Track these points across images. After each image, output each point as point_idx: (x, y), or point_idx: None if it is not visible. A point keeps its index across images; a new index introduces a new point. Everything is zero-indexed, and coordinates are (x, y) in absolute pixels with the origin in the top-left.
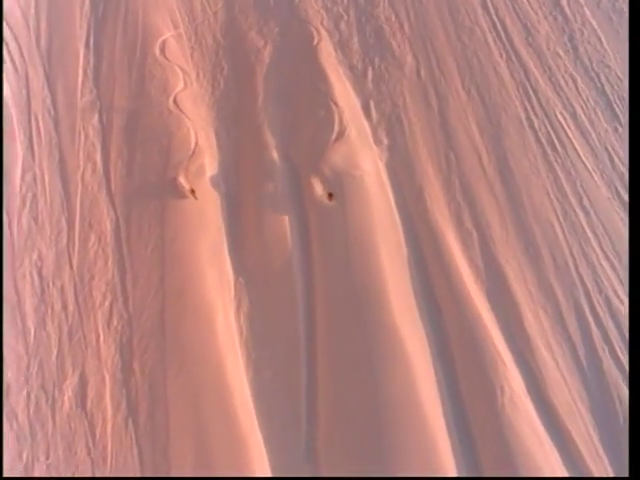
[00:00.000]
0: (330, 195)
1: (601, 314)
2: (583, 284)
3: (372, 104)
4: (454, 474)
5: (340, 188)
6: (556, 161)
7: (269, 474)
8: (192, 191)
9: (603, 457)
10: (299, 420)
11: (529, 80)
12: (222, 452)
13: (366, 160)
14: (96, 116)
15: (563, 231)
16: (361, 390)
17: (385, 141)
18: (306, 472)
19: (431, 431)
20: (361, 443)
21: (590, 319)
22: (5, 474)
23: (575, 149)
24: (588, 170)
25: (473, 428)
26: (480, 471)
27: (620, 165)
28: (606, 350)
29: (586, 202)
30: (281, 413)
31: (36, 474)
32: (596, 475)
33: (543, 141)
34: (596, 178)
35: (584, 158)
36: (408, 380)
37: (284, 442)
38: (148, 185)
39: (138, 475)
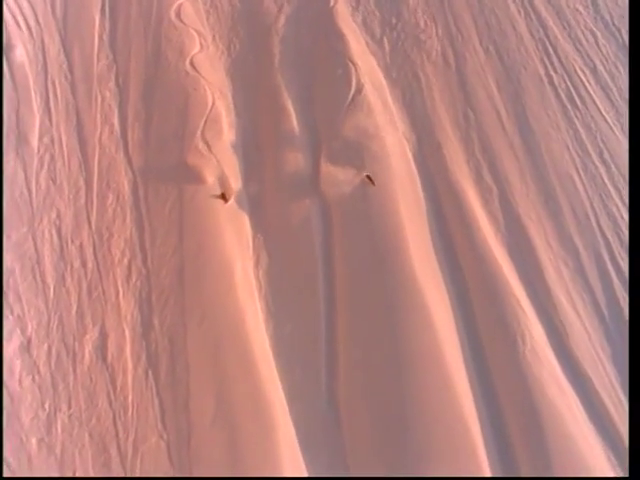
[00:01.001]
0: (369, 178)
1: (622, 265)
2: (604, 236)
3: (389, 63)
4: (475, 421)
5: (358, 146)
6: (576, 116)
7: (290, 422)
8: (223, 195)
9: (625, 405)
10: (319, 369)
11: (548, 37)
12: (243, 400)
13: (383, 118)
14: (113, 80)
15: (583, 184)
16: (381, 340)
17: (402, 99)
18: (327, 418)
19: (451, 378)
20: (381, 390)
21: (611, 270)
22: (27, 425)
23: (595, 104)
24: (608, 124)
25: (494, 377)
26: (502, 419)
27: None
28: (627, 300)
29: (607, 156)
30: (301, 363)
31: (59, 424)
32: (619, 424)
33: (563, 97)
34: (617, 132)
35: (604, 113)
36: (428, 330)
37: (304, 391)
38: (165, 145)
39: (159, 426)
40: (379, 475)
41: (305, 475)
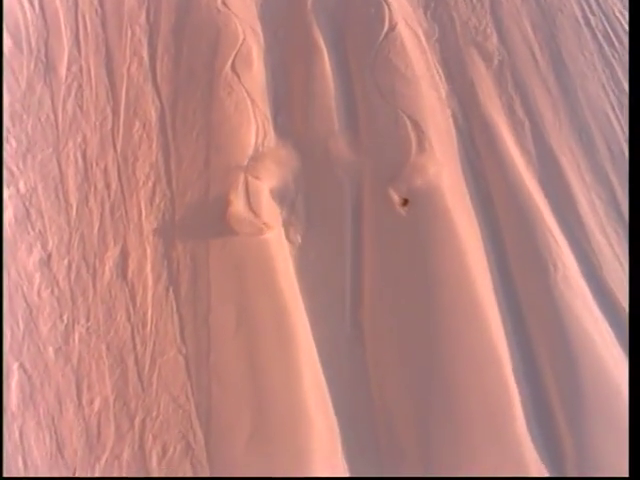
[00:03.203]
0: (405, 202)
1: None
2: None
3: (422, 3)
4: (505, 348)
5: (391, 83)
6: (613, 56)
7: (312, 340)
8: (265, 224)
9: None
10: (344, 293)
11: None
12: (264, 317)
13: (416, 54)
14: (143, 16)
15: (619, 122)
16: (409, 266)
17: (435, 38)
18: (350, 339)
19: (480, 303)
20: (407, 314)
21: None
22: (45, 334)
23: None
24: None
25: (523, 303)
26: (530, 345)
27: None
28: None
29: None
30: (325, 286)
31: (76, 335)
32: None
33: (600, 38)
34: None
35: None
36: (458, 257)
37: (328, 313)
38: (195, 76)
39: (178, 340)
40: (401, 397)
41: (326, 392)
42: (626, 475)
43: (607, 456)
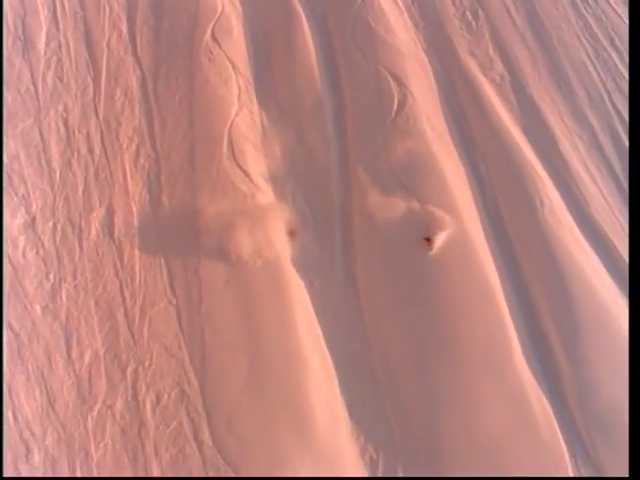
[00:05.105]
0: (428, 240)
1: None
2: (618, 113)
3: None
4: (499, 286)
5: (370, 44)
6: (586, 10)
7: (306, 292)
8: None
9: None
10: (334, 243)
11: None
12: (256, 271)
13: (395, 16)
14: None
15: (596, 69)
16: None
17: (412, 0)
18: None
19: (470, 239)
20: (399, 257)
21: (627, 144)
22: (31, 294)
23: None
24: (619, 16)
25: (515, 240)
26: (523, 277)
27: None
28: None
29: (618, 43)
30: (315, 238)
31: (63, 293)
32: None
33: None
34: (627, 22)
35: (615, 5)
36: (448, 204)
37: (320, 264)
38: (176, 45)
39: (168, 292)
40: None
41: (320, 336)
42: (625, 474)
43: (603, 378)
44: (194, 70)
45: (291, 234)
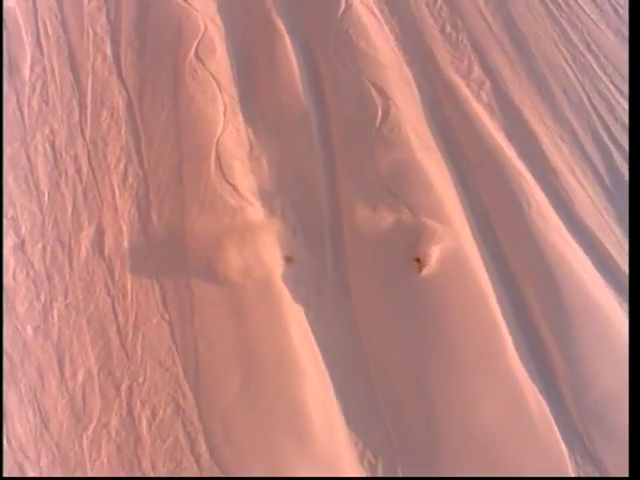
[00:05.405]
0: (419, 261)
1: (619, 138)
2: (598, 113)
3: None
4: (490, 288)
5: (352, 57)
6: (561, 16)
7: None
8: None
9: None
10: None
11: None
12: (252, 289)
13: (375, 28)
14: (104, 16)
15: (574, 72)
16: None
17: (392, 13)
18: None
19: (462, 248)
20: (391, 265)
21: (608, 142)
22: (22, 315)
23: (579, 5)
24: (594, 21)
25: (503, 242)
26: (514, 280)
27: (625, 15)
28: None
29: (594, 47)
30: (309, 253)
31: (55, 312)
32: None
33: (547, 2)
34: (602, 27)
35: (589, 12)
36: (436, 209)
37: (310, 266)
38: (160, 65)
39: (160, 308)
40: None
41: (314, 344)
42: (626, 474)
43: (597, 372)
44: (179, 89)
45: (287, 260)
